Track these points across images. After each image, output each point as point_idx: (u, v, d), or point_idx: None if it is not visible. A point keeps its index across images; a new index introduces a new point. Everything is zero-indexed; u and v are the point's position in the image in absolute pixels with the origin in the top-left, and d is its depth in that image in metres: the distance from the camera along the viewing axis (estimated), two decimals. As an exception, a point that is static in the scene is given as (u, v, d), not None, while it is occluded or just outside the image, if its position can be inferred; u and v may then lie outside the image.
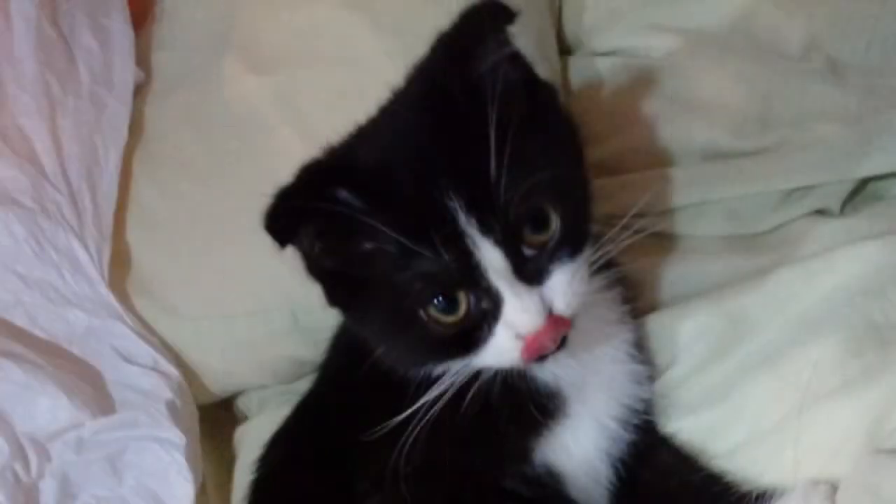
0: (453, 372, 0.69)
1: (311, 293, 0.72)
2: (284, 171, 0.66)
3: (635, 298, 0.83)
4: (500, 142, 0.64)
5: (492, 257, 0.65)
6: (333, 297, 0.72)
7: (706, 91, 0.99)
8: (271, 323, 0.95)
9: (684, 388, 0.80)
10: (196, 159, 1.01)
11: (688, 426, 0.80)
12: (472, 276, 0.65)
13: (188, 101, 1.04)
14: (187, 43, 1.09)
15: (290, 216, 0.67)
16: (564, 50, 1.11)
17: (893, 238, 0.78)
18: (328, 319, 0.83)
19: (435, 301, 0.66)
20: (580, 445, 0.76)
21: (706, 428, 0.79)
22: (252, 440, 0.93)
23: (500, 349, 0.67)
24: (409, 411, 0.68)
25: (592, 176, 0.76)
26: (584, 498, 0.77)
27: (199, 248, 0.97)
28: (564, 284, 0.67)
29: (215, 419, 1.01)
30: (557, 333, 0.66)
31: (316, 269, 0.71)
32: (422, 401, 0.69)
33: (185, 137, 1.03)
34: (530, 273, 0.66)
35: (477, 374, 0.70)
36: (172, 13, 1.11)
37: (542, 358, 0.68)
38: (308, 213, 0.67)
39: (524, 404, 0.73)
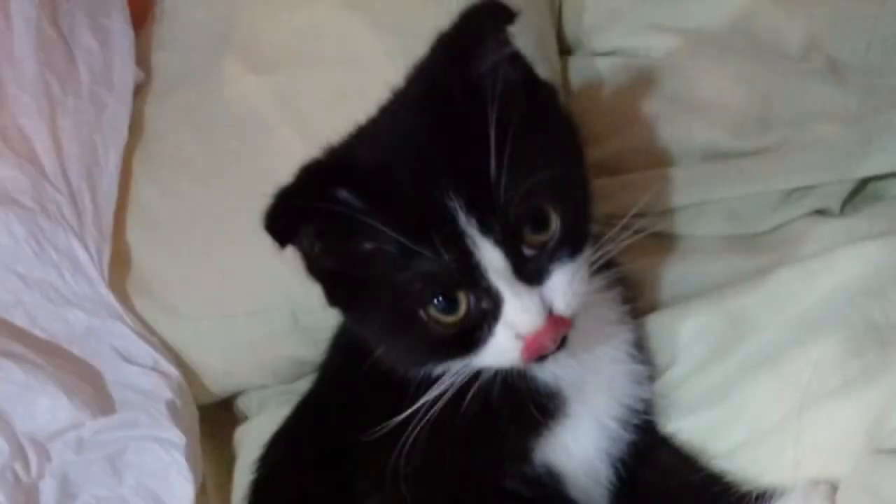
0: (453, 372, 0.69)
1: (311, 293, 0.72)
2: (284, 171, 0.66)
3: (635, 298, 0.83)
4: (500, 142, 0.64)
5: (492, 257, 0.65)
6: (333, 297, 0.72)
7: (706, 91, 0.99)
8: (271, 323, 0.95)
9: (684, 388, 0.80)
10: (196, 159, 1.01)
11: (688, 426, 0.80)
12: (472, 276, 0.65)
13: (188, 101, 1.04)
14: (187, 43, 1.08)
15: (290, 216, 0.67)
16: (564, 50, 1.11)
17: (893, 238, 0.78)
18: (328, 319, 0.83)
19: (435, 301, 0.66)
20: (580, 445, 0.76)
21: (706, 428, 0.79)
22: (252, 440, 0.93)
23: (500, 349, 0.67)
24: (409, 411, 0.68)
25: (592, 176, 0.76)
26: (584, 498, 0.77)
27: (199, 248, 0.97)
28: (564, 284, 0.67)
29: (215, 419, 1.01)
30: (557, 333, 0.66)
31: (316, 269, 0.71)
32: (422, 401, 0.69)
33: (185, 137, 1.03)
34: (530, 273, 0.66)
35: (477, 374, 0.70)
36: (172, 13, 1.11)
37: (542, 358, 0.68)
38: (308, 213, 0.67)
39: (524, 404, 0.73)
